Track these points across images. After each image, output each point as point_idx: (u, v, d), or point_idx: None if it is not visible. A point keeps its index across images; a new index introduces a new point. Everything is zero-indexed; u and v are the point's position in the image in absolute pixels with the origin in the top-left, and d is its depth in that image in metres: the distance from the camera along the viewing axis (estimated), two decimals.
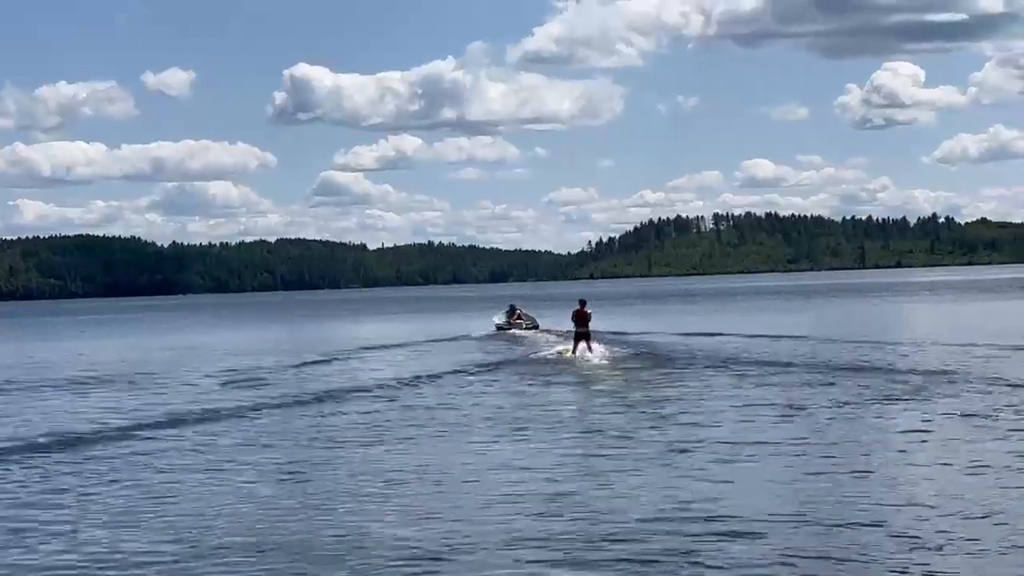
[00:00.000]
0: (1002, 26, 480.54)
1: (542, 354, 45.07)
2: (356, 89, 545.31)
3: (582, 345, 42.51)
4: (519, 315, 64.49)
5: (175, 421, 27.96)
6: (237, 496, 18.13)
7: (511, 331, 61.64)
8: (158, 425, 27.31)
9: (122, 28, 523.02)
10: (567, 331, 49.64)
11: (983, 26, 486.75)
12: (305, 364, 46.40)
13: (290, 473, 20.13)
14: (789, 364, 37.49)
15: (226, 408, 30.57)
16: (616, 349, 45.55)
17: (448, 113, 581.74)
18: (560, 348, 45.29)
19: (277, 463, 21.28)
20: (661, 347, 48.05)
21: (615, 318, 79.80)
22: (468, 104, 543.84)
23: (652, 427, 24.06)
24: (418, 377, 38.02)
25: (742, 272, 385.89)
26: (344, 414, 28.64)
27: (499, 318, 65.18)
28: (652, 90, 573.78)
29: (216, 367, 45.92)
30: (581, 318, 42.78)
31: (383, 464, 20.83)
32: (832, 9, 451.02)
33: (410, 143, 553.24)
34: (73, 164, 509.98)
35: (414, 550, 14.20)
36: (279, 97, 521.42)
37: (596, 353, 42.08)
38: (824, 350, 42.96)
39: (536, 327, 62.51)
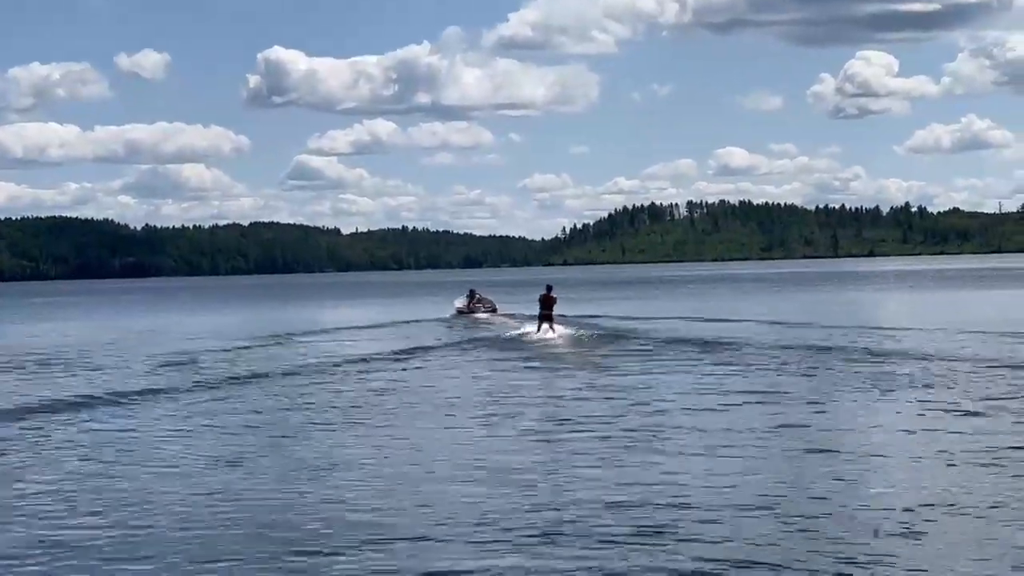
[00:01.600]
0: (976, 16, 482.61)
1: (507, 334, 46.91)
2: (330, 73, 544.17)
3: (545, 326, 45.00)
4: (479, 299, 66.00)
5: (84, 404, 27.57)
6: (175, 480, 17.51)
7: (471, 314, 63.15)
8: (75, 407, 27.06)
9: (96, 9, 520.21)
10: (526, 315, 52.85)
11: (957, 16, 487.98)
12: (261, 346, 46.34)
13: (238, 456, 19.57)
14: (755, 349, 37.45)
15: (157, 389, 30.26)
16: (581, 331, 46.91)
17: (423, 98, 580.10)
18: (524, 329, 47.37)
19: (220, 446, 20.79)
20: (625, 330, 48.69)
21: (586, 304, 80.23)
22: (443, 89, 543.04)
23: (612, 409, 23.81)
24: (375, 357, 38.23)
25: (715, 260, 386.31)
26: (298, 396, 28.26)
27: (459, 302, 66.41)
28: (627, 77, 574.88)
29: (163, 349, 45.43)
30: (546, 302, 45.50)
31: (340, 446, 20.47)
32: None
33: (384, 128, 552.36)
34: (46, 145, 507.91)
35: (371, 530, 13.93)
36: (253, 80, 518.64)
37: (558, 334, 44.35)
38: (793, 335, 42.96)
39: (495, 310, 64.33)
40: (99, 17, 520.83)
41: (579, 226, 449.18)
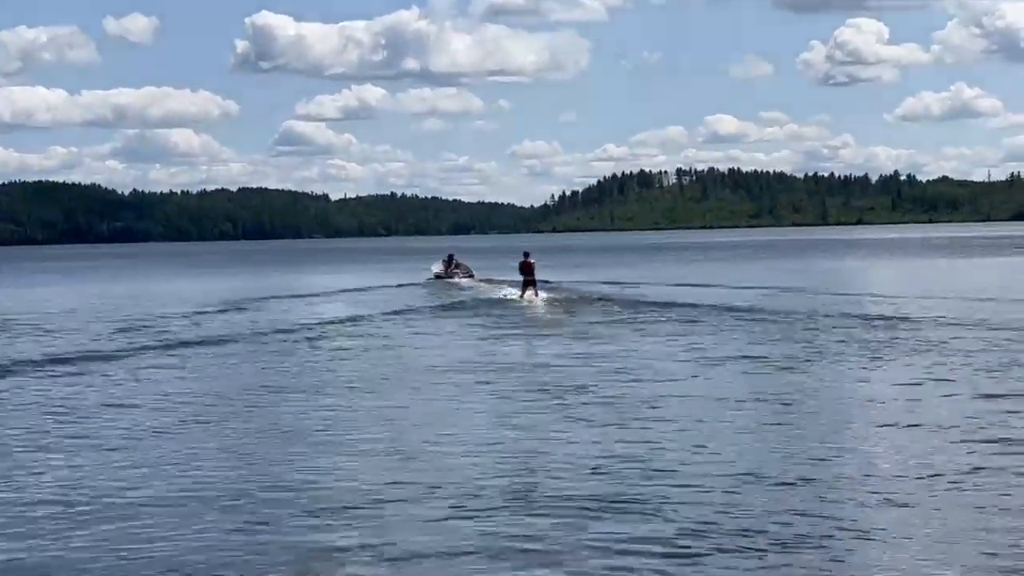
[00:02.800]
0: None
1: (491, 296, 48.54)
2: (319, 38, 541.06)
3: (529, 291, 46.14)
4: (456, 264, 66.78)
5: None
6: (139, 445, 16.92)
7: (449, 279, 64.21)
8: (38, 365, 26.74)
9: None
10: (503, 280, 55.44)
11: None
12: (237, 309, 46.23)
13: (183, 425, 19.01)
14: (742, 314, 37.35)
15: (115, 351, 30.30)
16: (565, 294, 48.13)
17: (412, 64, 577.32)
18: (506, 292, 48.96)
19: (166, 413, 20.23)
20: (612, 296, 48.95)
21: (572, 270, 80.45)
22: (432, 55, 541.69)
23: (593, 375, 23.52)
24: (348, 322, 38.79)
25: (704, 227, 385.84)
26: (265, 362, 27.94)
27: (437, 267, 67.17)
28: (617, 44, 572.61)
29: (132, 313, 45.13)
30: (527, 268, 46.72)
31: (303, 414, 19.98)
32: None
33: (373, 93, 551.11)
34: (33, 110, 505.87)
35: (353, 497, 13.51)
36: (241, 45, 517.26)
37: (540, 299, 45.37)
38: (779, 302, 42.86)
39: (472, 275, 65.16)
40: None
41: (568, 193, 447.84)
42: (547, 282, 49.07)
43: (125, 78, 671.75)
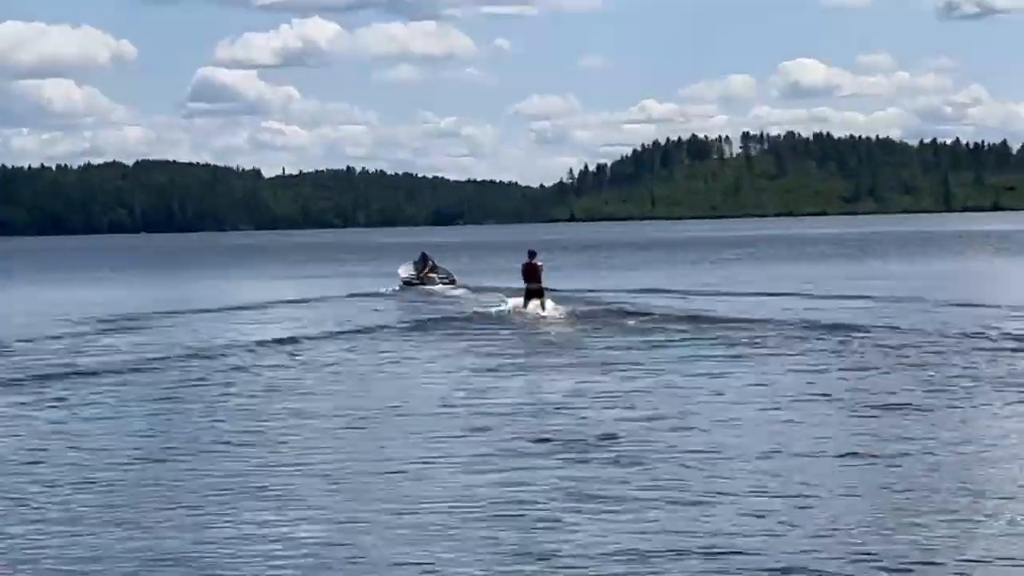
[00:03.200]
0: None
1: (482, 310, 49.84)
2: None
3: (534, 303, 47.13)
4: (432, 266, 68.70)
5: None
6: None
7: (422, 286, 66.27)
8: None
9: None
10: (496, 287, 57.82)
11: None
12: (130, 330, 46.69)
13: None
14: (829, 334, 37.54)
15: None
16: (585, 308, 49.50)
17: None
18: (501, 307, 49.61)
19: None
20: (650, 310, 49.26)
21: (596, 275, 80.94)
22: None
23: (621, 422, 23.49)
24: (290, 342, 40.06)
25: (781, 214, 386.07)
26: (174, 400, 28.24)
27: (405, 269, 69.37)
28: None
29: None
30: (531, 272, 47.52)
31: (234, 474, 20.11)
32: None
33: (323, 29, 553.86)
34: None
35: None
36: None
37: (550, 312, 46.82)
38: (884, 317, 42.68)
39: (453, 282, 67.26)
40: None
41: (592, 168, 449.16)
42: (551, 290, 50.19)
43: None
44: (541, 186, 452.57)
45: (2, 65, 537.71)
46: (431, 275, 67.30)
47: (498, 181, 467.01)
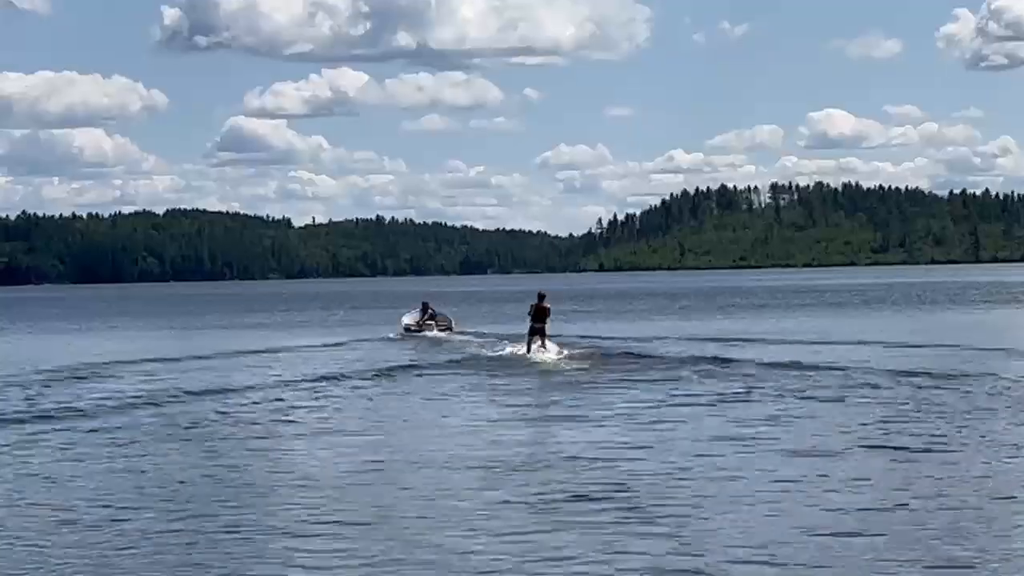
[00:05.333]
0: None
1: (489, 353, 53.08)
2: (277, 5, 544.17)
3: (536, 344, 50.01)
4: (432, 314, 72.26)
5: None
6: None
7: (420, 332, 69.98)
8: None
9: None
10: (488, 332, 64.16)
11: None
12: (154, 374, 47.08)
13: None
14: (841, 388, 37.29)
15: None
16: (579, 351, 51.71)
17: (404, 39, 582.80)
18: (511, 349, 52.75)
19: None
20: (663, 355, 51.22)
21: (608, 319, 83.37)
22: (432, 28, 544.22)
23: (623, 473, 23.37)
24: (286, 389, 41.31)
25: (809, 264, 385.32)
26: (163, 451, 27.91)
27: (409, 317, 72.91)
28: (687, 12, 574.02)
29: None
30: (539, 313, 50.20)
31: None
32: None
33: (352, 80, 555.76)
34: None
35: None
36: (170, 15, 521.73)
37: (551, 353, 49.63)
38: (916, 368, 42.24)
39: (451, 328, 71.12)
40: None
41: (621, 217, 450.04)
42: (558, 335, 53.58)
43: (13, 60, 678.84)
44: (570, 235, 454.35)
45: (33, 114, 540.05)
46: (429, 322, 70.83)
47: (527, 230, 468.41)
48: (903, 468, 23.40)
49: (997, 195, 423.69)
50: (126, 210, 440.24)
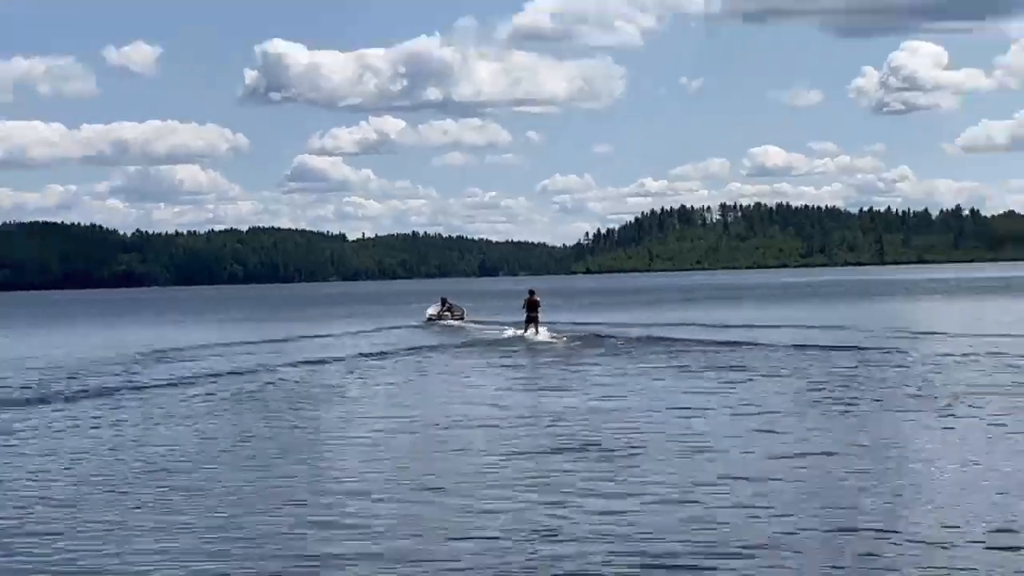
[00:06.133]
0: None
1: (496, 335, 53.83)
2: (334, 67, 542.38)
3: (531, 329, 51.63)
4: (449, 306, 73.06)
5: None
6: None
7: (440, 321, 70.44)
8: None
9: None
10: (496, 321, 63.84)
11: (1011, 3, 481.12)
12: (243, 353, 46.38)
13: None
14: (768, 356, 37.19)
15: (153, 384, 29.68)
16: (566, 334, 52.19)
17: (433, 93, 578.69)
18: (512, 331, 53.67)
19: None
20: (624, 336, 51.64)
21: (591, 311, 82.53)
22: (455, 84, 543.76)
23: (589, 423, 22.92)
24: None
25: (751, 267, 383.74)
26: (249, 410, 27.48)
27: (431, 309, 73.56)
28: (654, 71, 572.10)
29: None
30: (531, 305, 52.15)
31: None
32: None
33: (392, 125, 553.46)
34: (29, 145, 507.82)
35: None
36: (251, 75, 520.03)
37: (542, 335, 50.81)
38: (817, 340, 42.36)
39: (463, 317, 71.21)
40: (85, 7, 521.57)
41: (603, 231, 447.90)
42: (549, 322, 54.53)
43: (127, 111, 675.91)
44: (564, 246, 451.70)
45: (144, 154, 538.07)
46: (446, 313, 71.65)
47: (530, 242, 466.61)
48: (820, 422, 23.13)
49: (897, 212, 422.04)
50: (217, 228, 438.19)
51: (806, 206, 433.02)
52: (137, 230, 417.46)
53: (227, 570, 13.20)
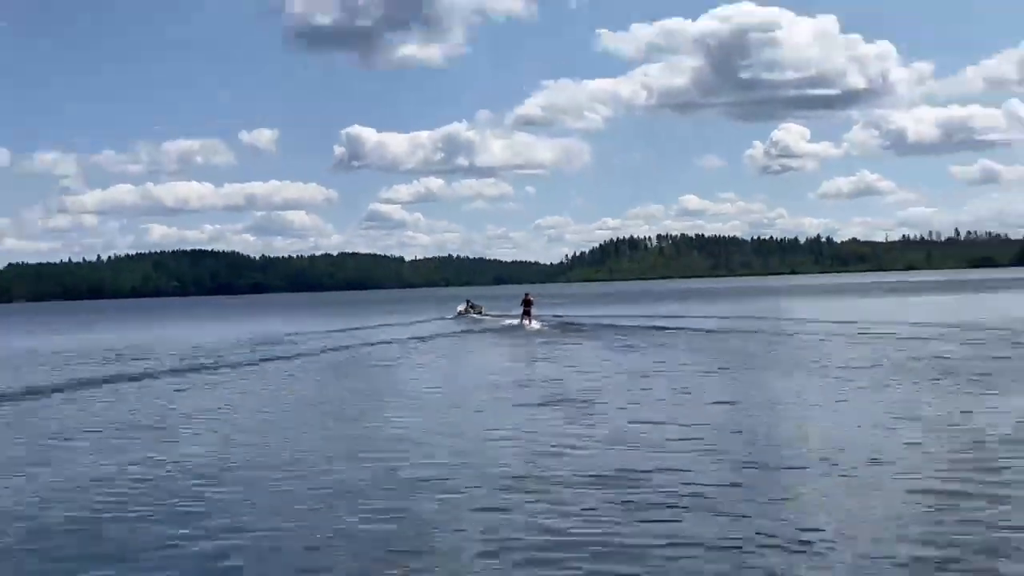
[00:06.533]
0: (867, 98, 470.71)
1: (502, 323, 53.59)
2: (395, 144, 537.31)
3: (527, 320, 51.04)
4: (471, 304, 72.18)
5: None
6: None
7: (466, 315, 69.09)
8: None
9: (225, 99, 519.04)
10: (506, 315, 62.00)
11: (853, 98, 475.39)
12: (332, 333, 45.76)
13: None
14: (690, 339, 36.36)
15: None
16: (550, 323, 51.48)
17: (462, 161, 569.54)
18: (511, 321, 53.43)
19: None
20: (596, 324, 50.68)
21: (569, 307, 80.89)
22: (477, 154, 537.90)
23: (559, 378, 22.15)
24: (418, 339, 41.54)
25: (677, 278, 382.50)
26: (312, 381, 26.80)
27: (460, 306, 72.27)
28: (611, 146, 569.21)
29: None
30: (527, 303, 52.51)
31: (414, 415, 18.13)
32: (742, 86, 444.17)
33: (435, 183, 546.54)
34: (189, 198, 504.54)
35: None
36: (339, 150, 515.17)
37: (535, 324, 50.31)
38: (723, 326, 41.36)
39: (481, 312, 69.36)
40: (227, 105, 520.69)
41: (578, 254, 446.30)
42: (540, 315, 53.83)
43: (255, 174, 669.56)
44: (551, 264, 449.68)
45: (266, 203, 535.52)
46: (470, 310, 70.33)
47: (528, 261, 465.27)
48: (724, 382, 22.81)
49: (777, 239, 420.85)
50: (317, 253, 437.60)
51: (715, 236, 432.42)
52: (263, 255, 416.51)
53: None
